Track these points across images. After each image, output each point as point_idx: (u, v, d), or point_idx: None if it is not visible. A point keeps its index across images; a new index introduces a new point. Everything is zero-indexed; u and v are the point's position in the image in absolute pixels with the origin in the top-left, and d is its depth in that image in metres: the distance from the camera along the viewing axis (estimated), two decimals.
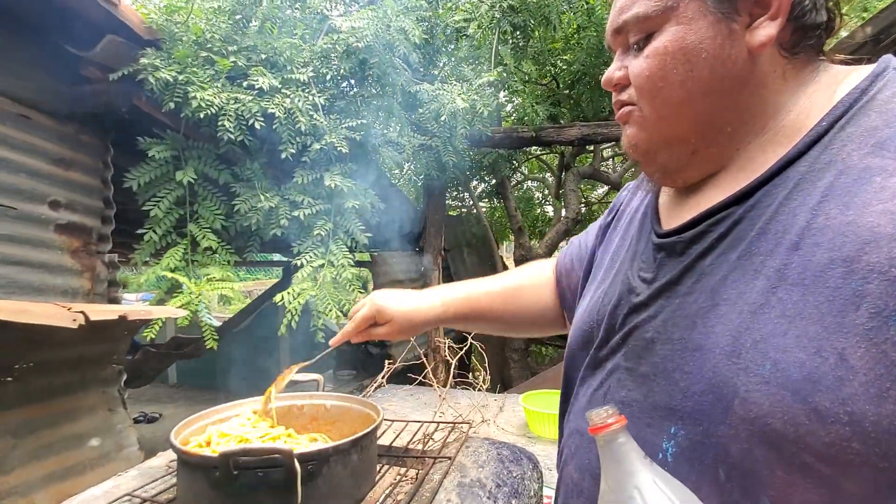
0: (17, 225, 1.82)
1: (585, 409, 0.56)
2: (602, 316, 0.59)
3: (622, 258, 0.63)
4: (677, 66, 0.49)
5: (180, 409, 5.15)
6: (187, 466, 0.66)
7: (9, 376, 1.65)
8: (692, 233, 0.51)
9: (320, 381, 1.02)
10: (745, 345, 0.42)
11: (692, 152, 0.53)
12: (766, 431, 0.39)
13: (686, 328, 0.48)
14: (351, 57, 2.46)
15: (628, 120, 0.55)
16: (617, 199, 0.77)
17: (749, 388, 0.41)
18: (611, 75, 0.55)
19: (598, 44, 3.68)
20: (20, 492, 1.63)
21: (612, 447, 0.42)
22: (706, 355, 0.45)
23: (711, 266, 0.48)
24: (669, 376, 0.48)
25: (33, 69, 1.94)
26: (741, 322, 0.43)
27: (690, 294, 0.49)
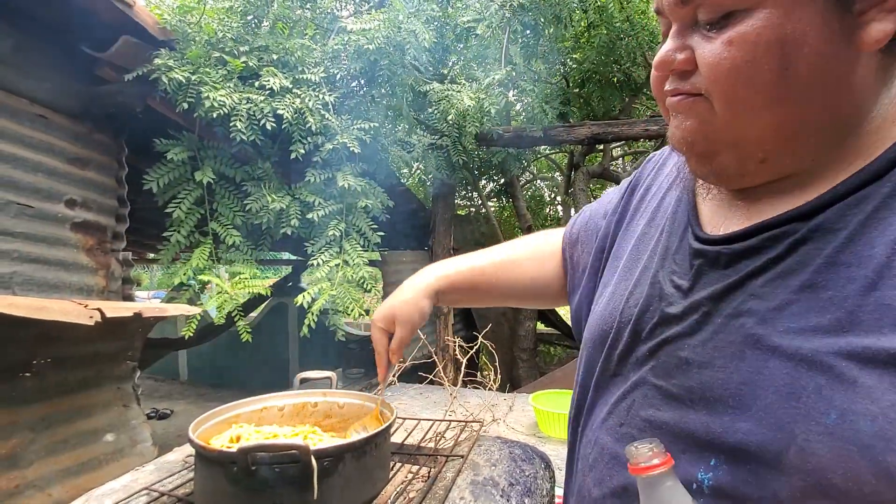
0: (35, 223, 1.86)
1: (606, 420, 0.54)
2: (627, 319, 0.54)
3: (650, 252, 0.56)
4: (771, 60, 0.39)
5: (191, 406, 5.21)
6: (205, 461, 0.67)
7: (27, 372, 1.68)
8: (742, 246, 0.45)
9: (333, 378, 1.02)
10: (806, 387, 0.37)
11: (762, 160, 0.45)
12: (825, 485, 0.36)
13: (732, 356, 0.43)
14: (361, 57, 2.47)
15: (687, 111, 0.46)
16: (638, 173, 0.69)
17: (809, 437, 0.37)
18: (670, 57, 0.45)
19: (608, 42, 3.66)
20: (38, 485, 1.66)
21: (657, 489, 0.39)
22: (756, 391, 0.40)
23: (765, 289, 0.42)
24: (711, 406, 0.43)
25: (50, 70, 1.97)
26: (801, 360, 0.38)
27: (736, 317, 0.43)
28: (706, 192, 0.53)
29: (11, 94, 1.82)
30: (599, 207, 0.75)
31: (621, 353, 0.54)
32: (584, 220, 0.77)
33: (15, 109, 1.83)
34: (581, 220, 0.78)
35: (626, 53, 3.79)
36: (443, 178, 3.56)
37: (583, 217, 0.79)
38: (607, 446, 0.53)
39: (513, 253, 0.85)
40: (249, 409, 0.92)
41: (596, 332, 0.59)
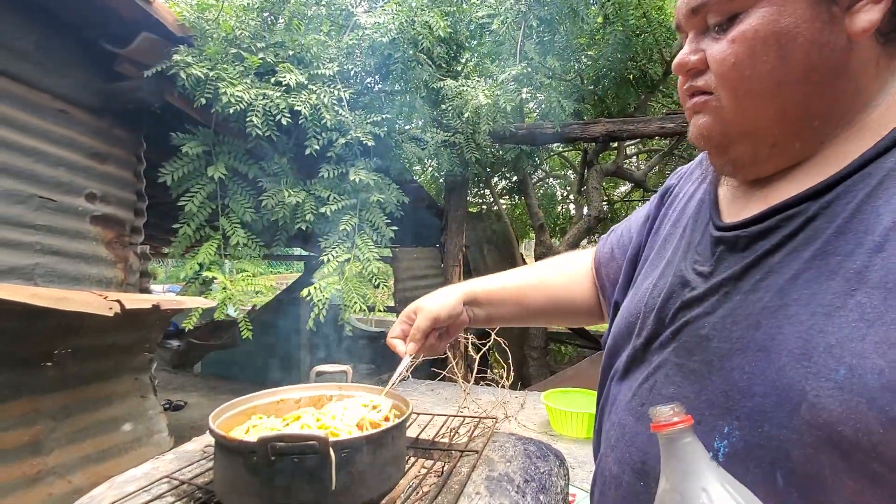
0: (57, 216, 1.89)
1: (629, 403, 0.56)
2: (651, 308, 0.57)
3: (673, 248, 0.59)
4: (768, 52, 0.44)
5: (204, 398, 5.28)
6: (225, 451, 0.68)
7: (48, 362, 1.72)
8: (759, 227, 0.48)
9: (349, 372, 1.03)
10: (816, 348, 0.40)
11: (772, 146, 0.49)
12: (836, 438, 0.38)
13: (748, 327, 0.45)
14: (375, 53, 2.48)
15: (702, 109, 0.51)
16: (665, 187, 0.73)
17: (819, 394, 0.39)
18: (684, 59, 0.51)
19: (624, 39, 3.61)
20: (58, 472, 1.70)
21: (676, 446, 0.41)
22: (771, 356, 0.43)
23: (780, 264, 0.45)
24: (727, 375, 0.46)
25: (71, 66, 2.00)
26: (813, 324, 0.41)
27: (754, 292, 0.46)
28: (727, 184, 0.57)
29: (34, 90, 1.86)
30: (630, 224, 0.78)
31: (646, 339, 0.56)
32: (616, 238, 0.80)
33: (37, 104, 1.86)
34: (613, 238, 0.81)
35: (642, 50, 3.74)
36: (455, 175, 3.56)
37: (615, 234, 0.81)
38: (629, 426, 0.55)
39: (543, 273, 0.87)
40: (266, 401, 0.93)
41: (623, 324, 0.62)
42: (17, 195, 1.76)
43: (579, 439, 2.07)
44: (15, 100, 1.78)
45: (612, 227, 0.84)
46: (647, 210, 0.73)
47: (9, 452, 1.59)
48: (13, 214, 1.74)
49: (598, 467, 0.62)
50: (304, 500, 0.65)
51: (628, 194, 7.10)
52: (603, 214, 4.76)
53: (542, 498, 0.85)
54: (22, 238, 1.76)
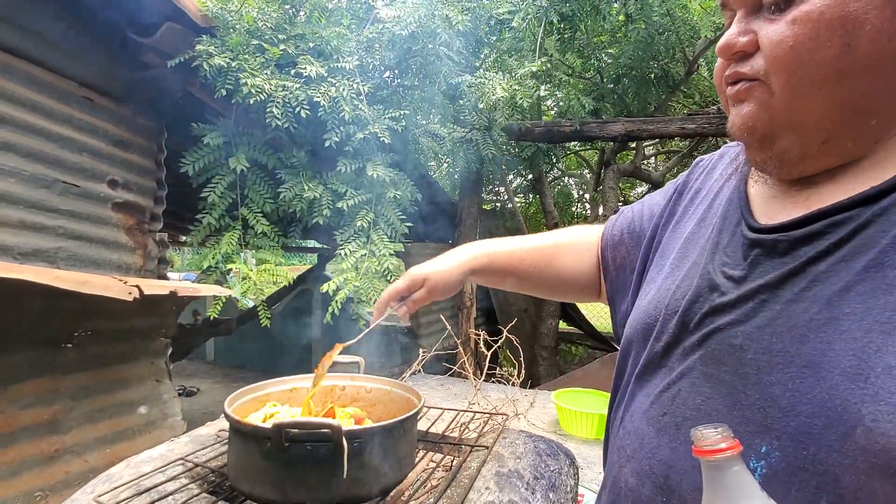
0: (79, 202, 1.93)
1: (647, 411, 0.53)
2: (673, 311, 0.53)
3: (700, 248, 0.56)
4: (833, 37, 0.41)
5: (217, 385, 5.38)
6: (240, 436, 0.69)
7: (69, 343, 1.76)
8: (802, 232, 0.45)
9: (361, 363, 1.04)
10: (874, 368, 0.37)
11: (823, 142, 0.45)
12: (892, 465, 0.35)
13: (792, 340, 0.42)
14: (395, 46, 2.48)
15: (747, 97, 0.47)
16: (686, 176, 0.69)
17: (877, 418, 0.36)
18: (733, 40, 0.46)
19: (646, 38, 3.56)
20: (75, 451, 1.74)
21: (724, 474, 0.38)
22: (821, 374, 0.40)
23: (827, 273, 0.42)
24: (766, 390, 0.43)
25: (97, 54, 2.04)
26: (870, 341, 0.38)
27: (798, 302, 0.43)
28: (761, 183, 0.53)
29: (62, 77, 1.89)
30: (643, 209, 0.75)
31: (667, 344, 0.53)
32: (627, 221, 0.76)
33: (64, 91, 1.90)
34: (623, 221, 0.77)
35: (664, 49, 3.68)
36: (471, 172, 3.55)
37: (625, 217, 0.78)
38: (648, 437, 0.52)
39: (551, 242, 0.85)
40: (280, 389, 0.94)
41: (639, 325, 0.59)
42: (42, 179, 1.80)
43: (588, 440, 2.06)
44: (44, 86, 1.82)
45: (622, 209, 0.81)
46: (663, 202, 0.70)
47: (29, 429, 1.64)
48: (38, 198, 1.78)
49: (609, 477, 0.59)
50: (316, 486, 0.66)
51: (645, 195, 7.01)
52: None
53: (552, 496, 0.85)
54: (46, 222, 1.80)
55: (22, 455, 1.60)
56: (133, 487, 0.73)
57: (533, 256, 0.84)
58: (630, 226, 0.75)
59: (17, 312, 1.63)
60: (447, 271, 0.82)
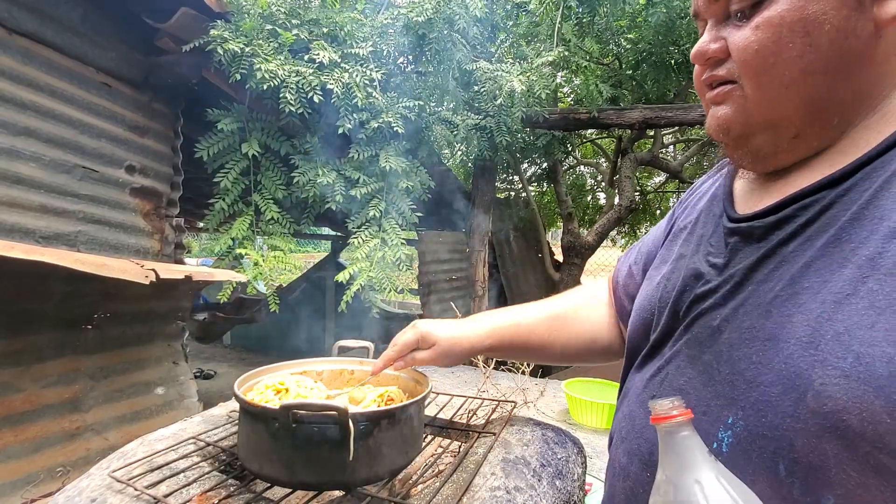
0: (99, 186, 1.97)
1: (640, 395, 0.56)
2: (665, 303, 0.56)
3: (684, 242, 0.60)
4: (794, 39, 0.43)
5: (233, 368, 5.49)
6: (249, 416, 0.70)
7: (89, 324, 1.81)
8: (775, 217, 0.48)
9: (370, 348, 1.04)
10: (824, 336, 0.39)
11: (794, 136, 0.48)
12: (841, 427, 0.37)
13: (758, 316, 0.45)
14: (409, 32, 2.45)
15: (723, 100, 0.50)
16: (680, 199, 0.73)
17: (825, 382, 0.38)
18: (704, 48, 0.50)
19: (666, 21, 3.45)
20: (96, 429, 1.80)
21: (674, 439, 0.41)
22: (779, 345, 0.42)
23: (794, 253, 0.45)
24: (735, 365, 0.46)
25: (114, 39, 2.06)
26: (823, 312, 0.40)
27: (767, 282, 0.46)
28: (744, 178, 0.57)
29: (81, 63, 1.92)
30: (648, 239, 0.78)
31: (661, 333, 0.57)
32: (633, 255, 0.79)
33: (83, 77, 1.92)
34: (629, 256, 0.80)
35: (686, 33, 3.57)
36: (484, 160, 3.52)
37: (630, 253, 0.81)
38: (639, 417, 0.55)
39: (562, 308, 0.86)
40: (290, 372, 0.95)
41: (638, 321, 0.62)
42: (63, 165, 1.83)
43: (598, 429, 2.05)
44: (63, 72, 1.84)
45: (630, 247, 0.83)
46: (664, 223, 0.73)
47: (52, 407, 1.69)
48: (59, 183, 1.81)
49: (609, 457, 0.63)
50: (322, 467, 0.66)
51: (662, 185, 6.88)
52: (635, 205, 4.62)
53: (559, 483, 0.85)
54: (67, 206, 1.84)
55: (45, 432, 1.66)
56: (146, 464, 0.75)
57: (547, 325, 0.84)
58: (636, 257, 0.78)
59: (39, 294, 1.67)
60: (457, 343, 0.82)
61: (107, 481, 0.71)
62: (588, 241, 4.63)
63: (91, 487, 0.70)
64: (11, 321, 1.62)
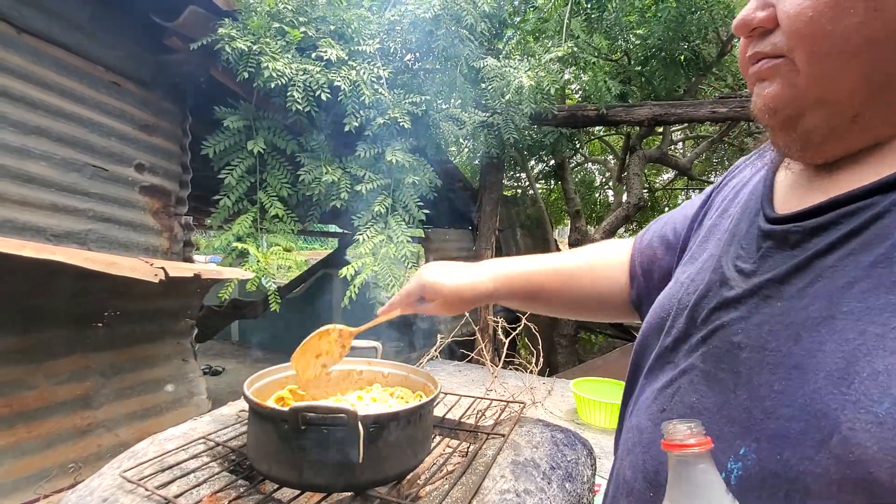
0: (108, 185, 1.98)
1: (649, 407, 0.52)
2: (684, 305, 0.52)
3: (717, 239, 0.54)
4: (856, 2, 0.37)
5: (241, 365, 5.53)
6: (259, 417, 0.70)
7: (99, 322, 1.82)
8: (815, 222, 0.41)
9: (379, 348, 1.04)
10: (860, 372, 0.34)
11: (852, 118, 0.41)
12: (867, 480, 0.32)
13: (786, 339, 0.40)
14: (417, 29, 2.44)
15: (770, 76, 0.43)
16: (723, 176, 0.66)
17: (855, 427, 0.33)
18: (749, 17, 0.43)
19: (677, 17, 3.42)
20: (107, 426, 1.82)
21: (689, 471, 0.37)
22: (806, 376, 0.37)
23: (834, 268, 0.39)
24: (753, 391, 0.41)
25: (123, 39, 2.06)
26: (861, 344, 0.35)
27: (800, 298, 0.40)
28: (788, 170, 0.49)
29: (90, 62, 1.93)
30: (677, 214, 0.71)
31: (675, 339, 0.52)
32: (659, 227, 0.73)
33: (92, 76, 1.93)
34: (655, 227, 0.74)
35: (696, 29, 3.53)
36: (492, 157, 3.50)
37: (657, 224, 0.74)
38: (646, 431, 0.51)
39: (577, 262, 0.80)
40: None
41: (653, 319, 0.57)
42: (73, 163, 1.84)
43: (607, 429, 2.04)
44: (73, 71, 1.85)
45: (659, 217, 0.77)
46: (698, 202, 0.67)
47: (64, 404, 1.71)
48: (69, 182, 1.83)
49: (613, 468, 0.60)
50: (331, 469, 0.66)
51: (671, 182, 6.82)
52: (643, 202, 4.59)
53: (568, 486, 0.84)
54: (77, 205, 1.85)
55: (57, 428, 1.67)
56: (157, 464, 0.75)
57: (559, 277, 0.79)
58: (662, 230, 0.71)
59: (50, 292, 1.69)
60: (461, 291, 0.78)
61: (118, 481, 0.71)
62: (596, 239, 4.61)
63: (102, 487, 0.71)
64: (24, 319, 1.63)
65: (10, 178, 1.65)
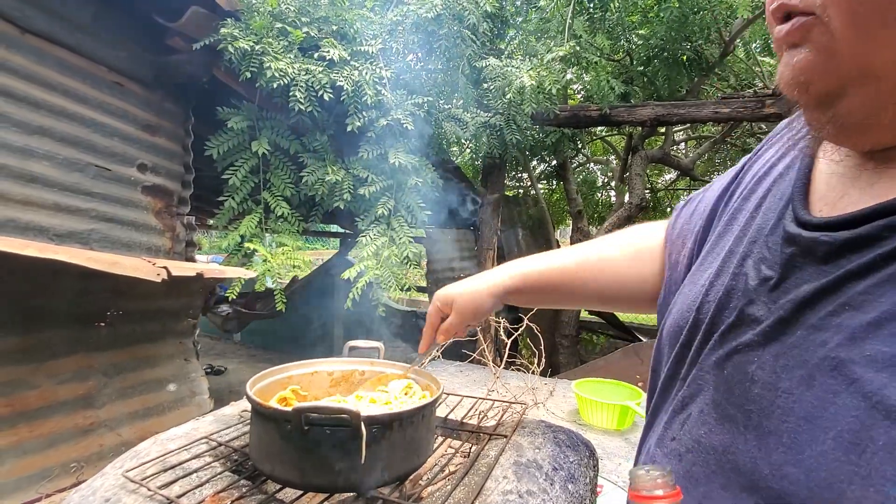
0: (111, 185, 1.98)
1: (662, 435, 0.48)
2: (704, 315, 0.45)
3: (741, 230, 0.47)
4: None
5: (242, 365, 5.54)
6: (261, 417, 0.70)
7: (102, 322, 1.83)
8: (849, 235, 0.34)
9: (381, 348, 1.04)
10: (875, 440, 0.29)
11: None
12: None
13: (799, 381, 0.34)
14: (419, 29, 2.44)
15: (801, 40, 0.34)
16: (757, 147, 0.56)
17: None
18: None
19: (680, 17, 3.41)
20: (109, 425, 1.82)
21: None
22: (815, 433, 0.32)
23: (865, 297, 0.32)
24: (763, 439, 0.35)
25: (125, 39, 2.07)
26: (880, 402, 0.29)
27: (820, 329, 0.34)
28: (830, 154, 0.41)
29: (92, 62, 1.93)
30: (706, 192, 0.63)
31: (692, 356, 0.46)
32: (689, 208, 0.65)
33: (95, 77, 1.94)
34: (686, 209, 0.65)
35: (698, 29, 3.52)
36: (493, 157, 3.50)
37: (689, 205, 0.66)
38: (657, 458, 0.49)
39: (604, 250, 0.73)
40: (301, 372, 0.95)
41: (672, 327, 0.51)
42: (76, 163, 1.85)
43: (608, 430, 2.03)
44: (76, 71, 1.86)
45: (689, 196, 0.67)
46: (728, 179, 0.58)
47: (66, 404, 1.71)
48: (72, 182, 1.83)
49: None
50: (334, 470, 0.66)
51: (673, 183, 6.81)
52: (645, 202, 4.58)
53: (571, 487, 0.84)
54: (80, 204, 1.85)
55: (59, 428, 1.68)
56: (159, 464, 0.75)
57: (583, 267, 0.72)
58: (692, 212, 0.62)
59: (53, 291, 1.69)
60: (476, 293, 0.76)
61: (120, 481, 0.71)
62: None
63: (105, 487, 0.71)
64: (26, 318, 1.64)
65: (14, 178, 1.65)
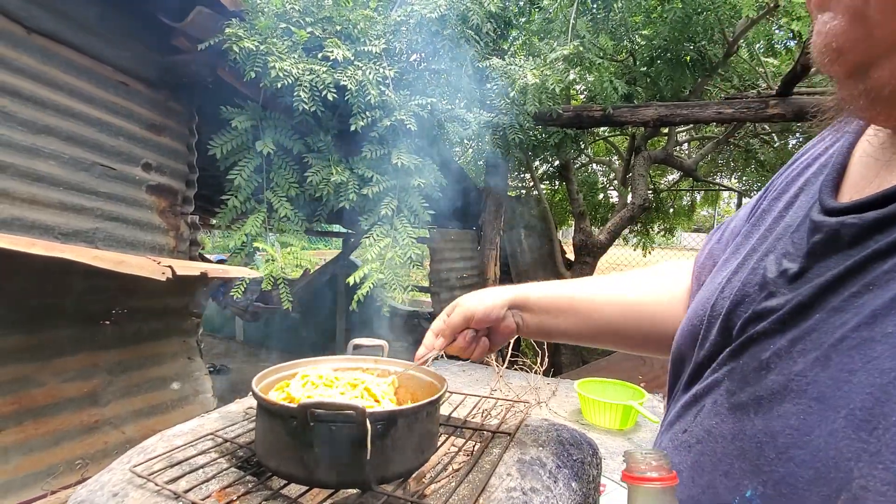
0: (116, 184, 2.00)
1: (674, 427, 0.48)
2: (718, 313, 0.44)
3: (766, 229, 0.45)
4: None
5: (245, 364, 5.55)
6: (267, 413, 0.70)
7: (106, 320, 1.84)
8: (878, 214, 0.33)
9: (385, 346, 1.04)
10: (888, 416, 0.28)
11: None
12: None
13: (814, 362, 0.33)
14: (423, 29, 2.45)
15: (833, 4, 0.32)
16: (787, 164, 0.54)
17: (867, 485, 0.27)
18: None
19: (683, 17, 3.41)
20: (113, 423, 1.83)
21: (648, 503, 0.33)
22: (826, 413, 0.31)
23: (890, 275, 0.31)
24: (769, 423, 0.35)
25: (131, 39, 2.08)
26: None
27: (841, 311, 0.33)
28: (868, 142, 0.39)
29: (98, 62, 1.94)
30: (737, 213, 0.62)
31: (710, 353, 0.45)
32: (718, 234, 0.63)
33: (101, 76, 1.95)
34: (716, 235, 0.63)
35: (702, 30, 3.52)
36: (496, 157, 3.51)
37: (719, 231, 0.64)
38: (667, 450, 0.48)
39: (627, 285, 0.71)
40: (304, 370, 0.96)
41: (687, 328, 0.51)
42: (82, 163, 1.86)
43: (611, 430, 2.03)
44: (82, 71, 1.87)
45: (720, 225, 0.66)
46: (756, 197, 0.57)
47: (71, 402, 1.72)
48: (78, 181, 1.84)
49: None
50: (340, 465, 0.66)
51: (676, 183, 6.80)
52: (648, 203, 4.58)
53: (574, 485, 0.84)
54: (85, 203, 1.86)
55: (65, 425, 1.69)
56: (166, 459, 0.76)
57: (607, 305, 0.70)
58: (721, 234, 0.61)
59: (59, 290, 1.70)
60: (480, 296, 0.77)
61: (128, 476, 0.72)
62: (600, 240, 4.60)
63: (112, 482, 0.71)
64: (32, 316, 1.65)
65: (20, 177, 1.66)
